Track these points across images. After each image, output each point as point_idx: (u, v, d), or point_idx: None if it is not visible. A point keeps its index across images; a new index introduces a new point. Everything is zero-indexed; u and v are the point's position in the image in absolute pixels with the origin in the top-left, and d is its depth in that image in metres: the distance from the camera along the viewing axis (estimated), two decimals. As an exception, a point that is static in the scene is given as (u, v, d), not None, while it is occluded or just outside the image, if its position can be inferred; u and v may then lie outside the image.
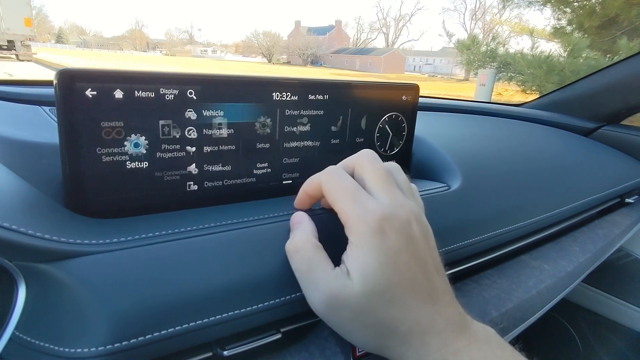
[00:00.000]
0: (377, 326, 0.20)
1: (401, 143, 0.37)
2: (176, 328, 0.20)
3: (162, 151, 0.24)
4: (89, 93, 0.21)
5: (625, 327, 0.75)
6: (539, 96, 0.89)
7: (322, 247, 0.22)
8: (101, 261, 0.19)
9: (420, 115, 0.38)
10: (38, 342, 0.18)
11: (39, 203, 0.21)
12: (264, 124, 0.28)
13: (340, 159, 0.25)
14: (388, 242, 0.20)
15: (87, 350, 0.18)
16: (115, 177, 0.23)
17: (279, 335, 0.23)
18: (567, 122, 0.78)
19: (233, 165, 0.27)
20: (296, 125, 0.29)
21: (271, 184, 0.30)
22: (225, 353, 0.21)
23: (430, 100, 0.73)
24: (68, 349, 0.18)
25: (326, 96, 0.30)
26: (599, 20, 3.72)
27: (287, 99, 0.28)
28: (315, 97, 0.30)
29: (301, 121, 0.30)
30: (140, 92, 0.23)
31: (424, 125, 0.44)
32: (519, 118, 0.76)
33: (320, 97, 0.30)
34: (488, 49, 4.21)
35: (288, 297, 0.23)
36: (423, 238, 0.22)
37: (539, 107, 0.86)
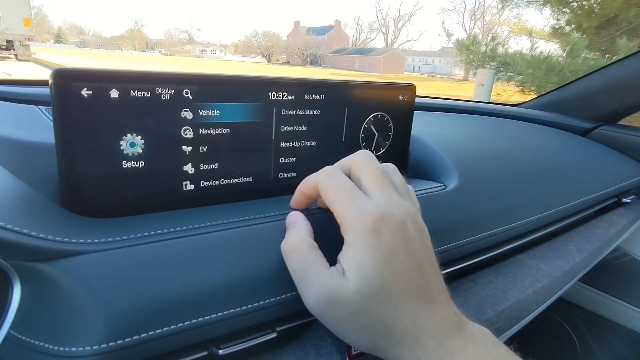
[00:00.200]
0: (373, 326, 0.21)
1: (398, 143, 0.37)
2: (171, 327, 0.20)
3: (158, 151, 0.24)
4: (84, 93, 0.21)
5: (623, 326, 0.75)
6: (537, 96, 0.89)
7: (317, 247, 0.23)
8: (97, 260, 0.20)
9: (418, 115, 0.39)
10: (33, 341, 0.18)
11: (35, 202, 0.21)
12: (261, 123, 0.28)
13: (337, 158, 0.25)
14: (384, 242, 0.20)
15: (82, 349, 0.18)
16: (111, 177, 0.23)
17: (275, 335, 0.23)
18: (564, 122, 0.78)
19: (229, 165, 0.27)
20: (293, 125, 0.29)
21: (267, 183, 0.30)
22: (221, 352, 0.21)
23: (428, 100, 0.73)
24: (63, 348, 0.18)
25: (323, 96, 0.30)
26: (597, 21, 3.73)
27: (284, 98, 0.28)
28: (312, 96, 0.30)
29: (298, 121, 0.30)
30: (136, 91, 0.23)
31: (422, 125, 0.44)
32: (517, 118, 0.76)
33: (317, 96, 0.30)
34: (487, 49, 4.22)
35: (283, 296, 0.23)
36: (419, 238, 0.22)
37: (536, 107, 0.87)
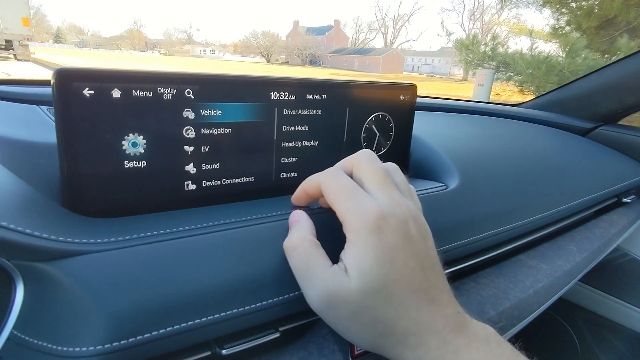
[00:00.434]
0: (375, 324, 0.21)
1: (399, 143, 0.37)
2: (174, 327, 0.20)
3: (159, 151, 0.24)
4: (86, 92, 0.21)
5: (623, 326, 0.75)
6: (537, 96, 0.89)
7: (319, 245, 0.23)
8: (99, 260, 0.19)
9: (418, 115, 0.39)
10: (36, 341, 0.18)
11: (37, 202, 0.21)
12: (262, 123, 0.28)
13: (339, 158, 0.25)
14: (385, 240, 0.20)
15: (85, 349, 0.18)
16: (113, 177, 0.23)
17: (278, 334, 0.23)
18: (564, 122, 0.78)
19: (231, 165, 0.27)
20: (294, 124, 0.29)
21: (269, 183, 0.30)
22: (224, 352, 0.21)
23: (428, 100, 0.73)
24: (66, 348, 0.18)
25: (324, 96, 0.30)
26: (597, 21, 3.73)
27: (285, 98, 0.28)
28: (313, 96, 0.30)
29: (299, 121, 0.30)
30: (138, 91, 0.23)
31: (422, 125, 0.44)
32: (517, 118, 0.76)
33: (318, 96, 0.30)
34: (487, 49, 4.22)
35: (286, 296, 0.23)
36: (421, 237, 0.22)
37: (536, 107, 0.87)
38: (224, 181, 0.27)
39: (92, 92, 0.21)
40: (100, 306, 0.18)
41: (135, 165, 0.24)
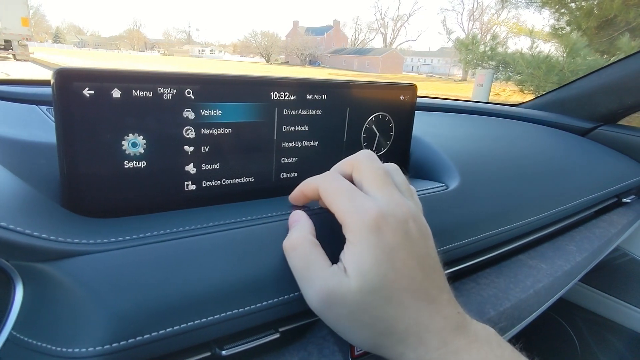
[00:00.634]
0: (374, 324, 0.20)
1: (399, 143, 0.37)
2: (174, 328, 0.20)
3: (159, 151, 0.24)
4: (86, 92, 0.21)
5: (623, 326, 0.75)
6: (537, 96, 0.89)
7: (319, 245, 0.23)
8: (99, 261, 0.19)
9: (418, 115, 0.38)
10: (35, 342, 0.18)
11: (37, 202, 0.21)
12: (262, 123, 0.28)
13: (339, 159, 0.25)
14: (385, 240, 0.20)
15: (85, 350, 0.18)
16: (112, 177, 0.23)
17: (278, 335, 0.23)
18: (564, 122, 0.78)
19: (231, 165, 0.27)
20: (294, 125, 0.29)
21: (269, 183, 0.30)
22: (224, 353, 0.21)
23: (428, 100, 0.73)
24: (65, 349, 0.18)
25: (324, 96, 0.30)
26: (596, 21, 3.74)
27: (286, 98, 0.28)
28: (313, 96, 0.30)
29: (299, 121, 0.29)
30: (138, 91, 0.23)
31: (422, 125, 0.44)
32: (517, 118, 0.76)
33: (318, 96, 0.30)
34: (486, 48, 4.22)
35: (286, 296, 0.23)
36: (421, 237, 0.22)
37: (536, 107, 0.87)
38: (224, 181, 0.27)
39: (92, 92, 0.21)
40: (100, 307, 0.18)
41: (135, 166, 0.24)
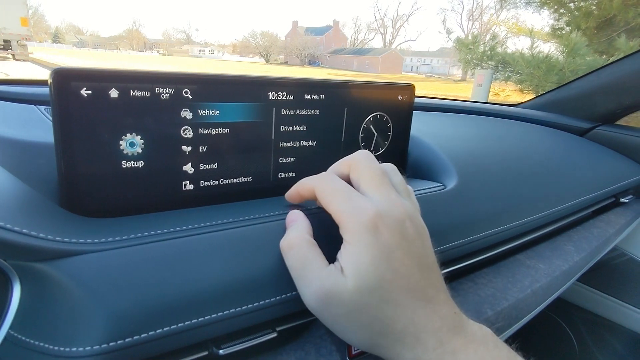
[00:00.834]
0: (371, 324, 0.21)
1: (397, 143, 0.37)
2: (171, 327, 0.20)
3: (157, 151, 0.24)
4: (84, 92, 0.21)
5: (621, 326, 0.75)
6: (535, 96, 0.89)
7: (316, 244, 0.23)
8: (97, 260, 0.19)
9: (416, 115, 0.39)
10: (33, 341, 0.18)
11: (35, 202, 0.21)
12: (260, 123, 0.28)
13: (337, 159, 0.25)
14: (382, 240, 0.20)
15: (82, 349, 0.18)
16: (110, 177, 0.23)
17: (275, 334, 0.23)
18: (562, 122, 0.78)
19: (229, 165, 0.27)
20: (292, 124, 0.29)
21: (267, 183, 0.30)
22: (221, 352, 0.21)
23: (426, 100, 0.73)
24: (63, 348, 0.18)
25: (322, 96, 0.30)
26: (595, 22, 3.74)
27: (283, 98, 0.28)
28: (311, 96, 0.30)
29: (297, 121, 0.30)
30: (136, 91, 0.23)
31: (421, 125, 0.44)
32: (515, 118, 0.76)
33: (316, 96, 0.30)
34: (485, 48, 4.22)
35: (284, 296, 0.23)
36: (418, 238, 0.22)
37: (534, 107, 0.87)
38: (221, 181, 0.27)
39: (90, 92, 0.21)
40: (97, 306, 0.18)
41: (132, 165, 0.24)
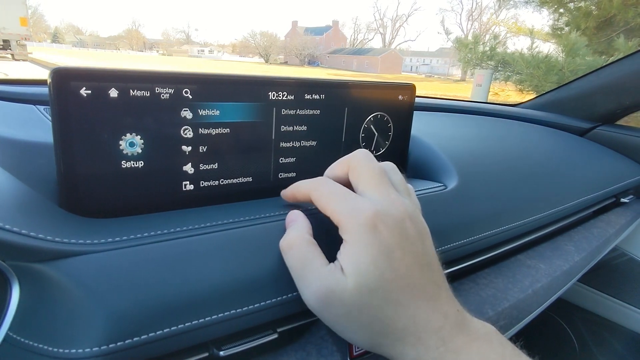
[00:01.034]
0: (372, 324, 0.20)
1: (398, 143, 0.37)
2: (172, 328, 0.19)
3: (157, 151, 0.24)
4: (83, 92, 0.21)
5: (622, 326, 0.75)
6: (535, 96, 0.89)
7: (316, 244, 0.22)
8: (96, 261, 0.19)
9: (417, 115, 0.38)
10: (32, 342, 0.18)
11: (34, 202, 0.21)
12: (260, 123, 0.28)
13: (337, 158, 0.25)
14: (381, 239, 0.20)
15: (82, 350, 0.18)
16: (110, 177, 0.23)
17: (276, 335, 0.23)
18: (562, 122, 0.78)
19: (229, 165, 0.27)
20: (292, 124, 0.29)
21: (267, 183, 0.30)
22: (222, 353, 0.21)
23: (426, 100, 0.73)
24: (63, 350, 0.18)
25: (323, 96, 0.30)
26: (595, 22, 3.74)
27: (284, 98, 0.28)
28: (311, 96, 0.30)
29: (298, 121, 0.29)
30: (136, 91, 0.23)
31: (421, 125, 0.44)
32: (515, 118, 0.76)
33: (316, 96, 0.30)
34: (486, 49, 4.22)
35: (285, 296, 0.23)
36: (418, 236, 0.22)
37: (534, 107, 0.87)
38: (222, 181, 0.27)
39: (89, 91, 0.21)
40: (97, 307, 0.18)
41: (132, 165, 0.24)
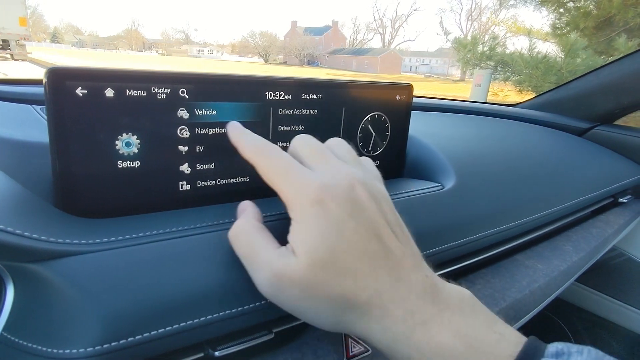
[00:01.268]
0: (332, 300, 0.19)
1: (395, 143, 0.37)
2: (167, 328, 0.19)
3: (154, 150, 0.24)
4: (79, 92, 0.21)
5: (620, 326, 0.75)
6: (534, 96, 0.89)
7: (265, 229, 0.22)
8: (92, 261, 0.19)
9: (416, 115, 0.38)
10: (27, 343, 0.18)
11: (29, 202, 0.21)
12: (257, 123, 0.28)
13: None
14: (329, 212, 0.19)
15: (77, 351, 0.17)
16: (106, 177, 0.23)
17: (272, 336, 0.23)
18: (561, 122, 0.78)
19: (226, 165, 0.27)
20: (290, 124, 0.29)
21: (265, 183, 0.29)
22: (217, 353, 0.21)
23: (425, 100, 0.73)
24: (57, 350, 0.18)
25: (320, 95, 0.30)
26: (594, 21, 3.74)
27: (281, 98, 0.28)
28: (309, 96, 0.30)
29: (295, 120, 0.29)
30: (132, 90, 0.23)
31: (420, 125, 0.44)
32: (514, 118, 0.76)
33: (314, 96, 0.30)
34: (485, 49, 4.22)
35: (281, 297, 0.23)
36: (372, 201, 0.21)
37: (533, 107, 0.87)
38: (218, 181, 0.27)
39: (85, 91, 0.21)
40: (92, 307, 0.18)
41: (129, 165, 0.24)
